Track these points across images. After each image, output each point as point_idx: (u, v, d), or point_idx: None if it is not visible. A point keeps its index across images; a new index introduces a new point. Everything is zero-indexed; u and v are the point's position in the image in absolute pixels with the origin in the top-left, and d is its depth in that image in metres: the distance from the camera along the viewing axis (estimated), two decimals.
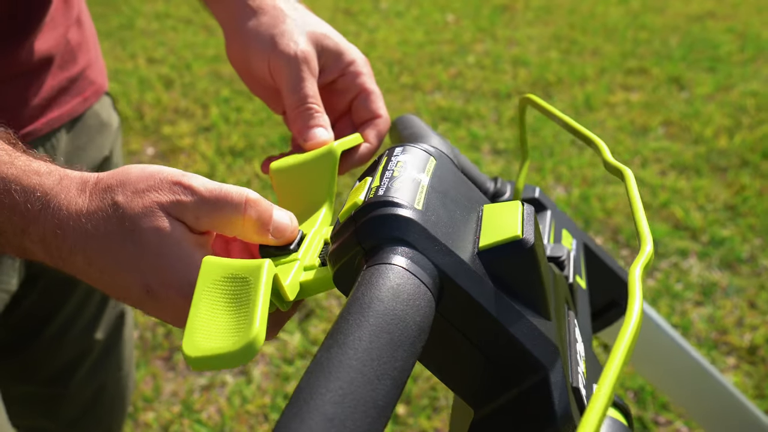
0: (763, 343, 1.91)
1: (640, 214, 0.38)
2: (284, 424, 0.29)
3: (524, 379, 0.39)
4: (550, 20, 4.79)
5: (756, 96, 3.50)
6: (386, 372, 0.31)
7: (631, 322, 0.31)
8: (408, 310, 0.33)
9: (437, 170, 0.44)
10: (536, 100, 0.58)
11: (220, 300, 0.39)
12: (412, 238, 0.37)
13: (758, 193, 2.63)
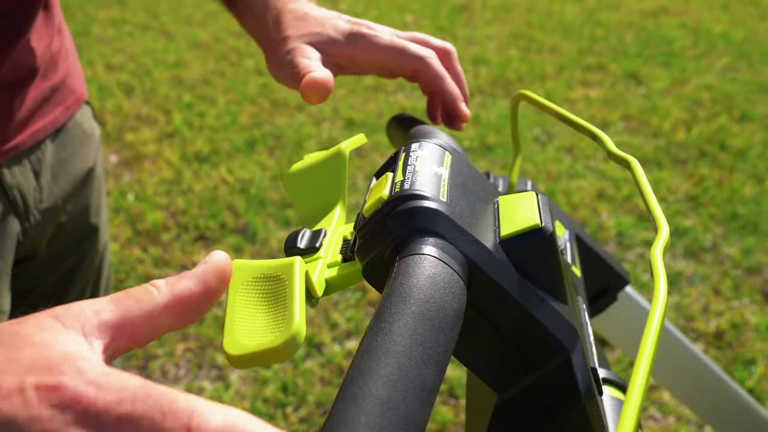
0: (728, 329, 1.96)
1: (652, 199, 0.40)
2: (341, 410, 0.29)
3: (547, 362, 0.40)
4: (508, 19, 4.85)
5: (710, 89, 3.59)
6: (431, 356, 0.32)
7: (660, 301, 0.33)
8: (446, 297, 0.35)
9: (454, 164, 0.45)
10: (531, 95, 0.60)
11: (256, 299, 0.40)
12: (441, 229, 0.38)
13: (717, 183, 2.70)
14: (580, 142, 3.04)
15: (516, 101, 0.65)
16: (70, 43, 0.90)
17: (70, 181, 0.87)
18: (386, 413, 0.29)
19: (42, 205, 0.82)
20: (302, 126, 3.23)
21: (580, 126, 0.52)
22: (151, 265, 2.27)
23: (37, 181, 0.81)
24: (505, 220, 0.42)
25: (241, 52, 4.21)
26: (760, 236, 2.38)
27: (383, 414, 0.29)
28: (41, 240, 0.85)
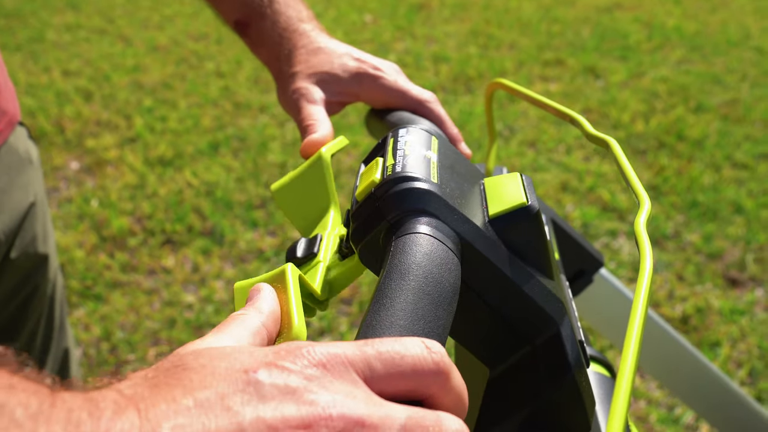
0: (693, 313, 2.01)
1: (632, 176, 0.41)
2: None
3: (538, 335, 0.42)
4: (466, 17, 4.89)
5: (666, 81, 3.66)
6: (432, 330, 0.33)
7: (646, 268, 0.35)
8: (443, 273, 0.36)
9: (441, 148, 0.47)
10: (506, 83, 0.62)
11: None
12: (434, 209, 0.39)
13: (677, 173, 2.76)
14: (542, 136, 3.08)
15: (491, 90, 0.67)
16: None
17: (12, 214, 0.81)
18: None
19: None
20: (265, 127, 3.22)
21: (557, 110, 0.53)
22: (118, 270, 2.25)
23: None
24: (493, 200, 0.43)
25: (200, 55, 4.18)
26: (720, 223, 2.44)
27: None
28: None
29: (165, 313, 2.07)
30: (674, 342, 0.79)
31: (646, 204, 0.39)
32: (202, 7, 5.17)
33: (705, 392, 0.82)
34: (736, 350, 1.89)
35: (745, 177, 2.73)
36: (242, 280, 0.44)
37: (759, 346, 1.90)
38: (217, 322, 2.01)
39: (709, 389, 0.81)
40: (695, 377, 0.81)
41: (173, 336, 1.97)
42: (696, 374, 0.81)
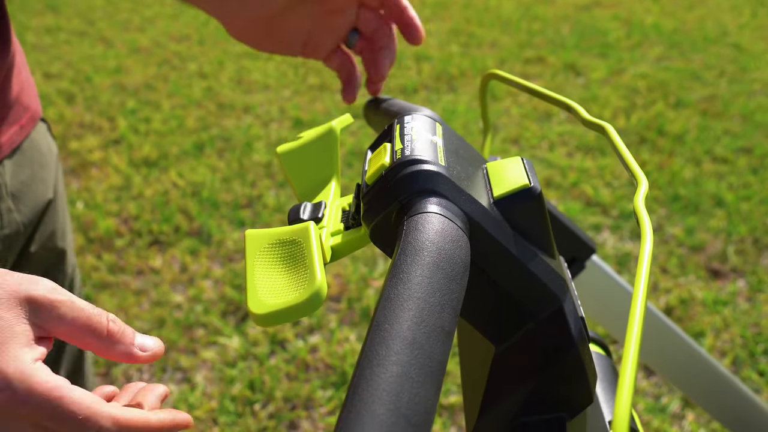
0: (677, 304, 2.04)
1: (629, 158, 0.43)
2: (372, 349, 0.32)
3: (542, 311, 0.44)
4: (447, 16, 4.92)
5: (646, 78, 3.71)
6: (447, 302, 0.35)
7: (647, 243, 0.36)
8: (455, 249, 0.38)
9: (445, 133, 0.48)
10: (501, 74, 0.63)
11: (275, 262, 0.42)
12: (443, 189, 0.41)
13: (658, 167, 2.80)
14: (525, 132, 3.11)
15: (486, 81, 0.69)
16: (22, 57, 0.85)
17: (33, 207, 0.83)
18: (413, 352, 0.32)
19: (2, 232, 0.78)
20: (250, 127, 3.23)
21: (553, 99, 0.55)
22: (106, 272, 2.25)
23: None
24: (496, 183, 0.45)
25: (183, 56, 4.18)
26: (701, 215, 2.48)
27: (411, 352, 0.32)
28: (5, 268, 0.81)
29: (154, 313, 2.07)
30: (659, 322, 0.82)
31: (644, 182, 0.41)
32: (183, 9, 5.16)
33: (692, 372, 0.84)
34: (719, 340, 1.93)
35: (725, 171, 2.78)
36: (256, 229, 0.45)
37: (741, 335, 1.93)
38: (206, 321, 2.02)
39: (696, 369, 0.84)
40: (683, 359, 0.83)
41: (163, 335, 1.97)
42: (683, 355, 0.83)
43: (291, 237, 0.43)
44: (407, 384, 0.31)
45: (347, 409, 0.30)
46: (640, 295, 0.34)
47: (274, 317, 0.39)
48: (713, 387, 0.86)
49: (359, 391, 0.30)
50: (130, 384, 0.52)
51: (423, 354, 0.32)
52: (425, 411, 0.31)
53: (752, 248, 2.30)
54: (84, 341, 0.46)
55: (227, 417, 1.72)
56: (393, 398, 0.30)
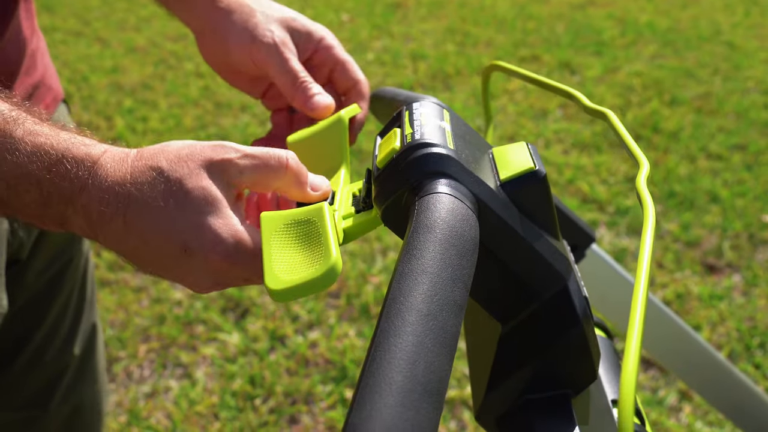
0: (673, 299, 2.06)
1: (631, 141, 0.45)
2: (389, 321, 0.33)
3: (547, 290, 0.45)
4: (442, 15, 4.94)
5: (641, 76, 3.73)
6: (458, 277, 0.36)
7: (649, 221, 0.38)
8: (465, 227, 0.39)
9: (452, 119, 0.50)
10: (503, 65, 0.65)
11: (290, 241, 0.44)
12: (452, 171, 0.43)
13: (654, 164, 2.82)
14: (521, 130, 3.13)
15: (488, 72, 0.70)
16: (43, 42, 0.89)
17: None
18: (428, 323, 0.34)
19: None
20: (247, 126, 3.24)
21: (555, 88, 0.56)
22: (106, 269, 2.26)
23: None
24: (502, 166, 0.47)
25: (179, 55, 4.19)
26: (697, 212, 2.50)
27: (426, 324, 0.33)
28: (27, 242, 0.84)
29: (154, 310, 2.08)
30: (660, 312, 0.83)
31: (645, 165, 0.42)
32: None
33: (692, 362, 0.85)
34: (715, 333, 1.95)
35: (719, 167, 2.80)
36: (271, 211, 0.47)
37: (737, 329, 1.95)
38: (206, 317, 2.03)
39: (696, 359, 0.85)
40: (683, 348, 0.85)
41: (163, 332, 1.98)
42: (683, 344, 0.84)
43: (305, 217, 0.45)
44: (423, 353, 0.32)
45: (366, 376, 0.31)
46: (644, 274, 0.35)
47: (291, 292, 0.40)
48: (713, 376, 0.87)
49: (377, 360, 0.32)
50: None
51: (437, 325, 0.34)
52: (439, 379, 0.32)
53: (747, 243, 2.32)
54: (267, 184, 0.51)
55: (228, 412, 1.73)
56: (409, 366, 0.32)
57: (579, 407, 0.47)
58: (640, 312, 0.33)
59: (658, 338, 0.85)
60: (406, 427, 0.30)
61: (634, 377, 0.31)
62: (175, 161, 0.48)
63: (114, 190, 0.47)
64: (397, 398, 0.30)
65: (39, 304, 0.90)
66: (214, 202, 0.47)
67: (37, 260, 0.87)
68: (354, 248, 2.29)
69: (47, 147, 0.48)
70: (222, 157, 0.49)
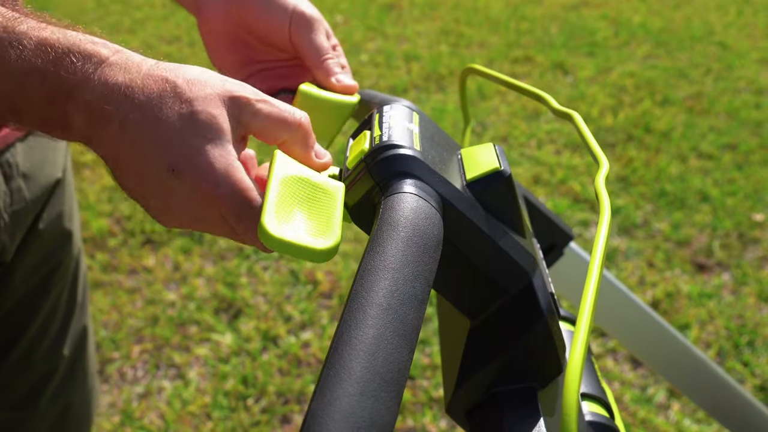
0: (663, 298, 2.08)
1: (593, 142, 0.46)
2: (351, 315, 0.35)
3: (512, 286, 0.47)
4: (436, 16, 4.96)
5: (633, 76, 3.75)
6: (420, 273, 0.38)
7: (605, 218, 0.39)
8: (428, 225, 0.41)
9: (422, 122, 0.51)
10: (479, 68, 0.66)
11: (300, 197, 0.44)
12: (418, 172, 0.44)
13: (645, 164, 2.83)
14: (513, 131, 3.15)
15: (465, 75, 0.72)
16: None
17: (42, 187, 0.86)
18: (388, 317, 0.35)
19: (12, 208, 0.81)
20: None
21: (525, 90, 0.58)
22: (99, 271, 2.27)
23: (7, 185, 0.80)
24: (469, 167, 0.48)
25: (173, 57, 4.20)
26: (687, 211, 2.52)
27: (386, 317, 0.35)
28: (10, 246, 0.83)
29: (147, 311, 2.09)
30: (646, 315, 0.85)
31: (605, 165, 0.44)
32: (173, 11, 5.18)
33: (678, 363, 0.87)
34: (704, 332, 1.96)
35: (710, 167, 2.82)
36: (285, 155, 0.49)
37: (726, 327, 1.97)
38: (199, 318, 2.04)
39: (682, 361, 0.87)
40: (669, 351, 0.86)
41: (156, 333, 2.00)
42: (669, 347, 0.86)
43: (326, 187, 0.46)
44: (382, 345, 0.34)
45: (327, 367, 0.33)
46: (597, 262, 0.37)
47: (285, 246, 0.41)
48: (698, 377, 0.89)
49: (338, 351, 0.33)
50: None
51: (397, 319, 0.35)
52: (399, 370, 0.34)
53: (737, 242, 2.34)
54: (276, 134, 0.50)
55: (221, 412, 1.74)
56: (369, 357, 0.33)
57: (545, 399, 0.49)
58: (590, 301, 0.35)
59: (645, 342, 0.86)
60: (364, 414, 0.31)
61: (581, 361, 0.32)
62: (193, 81, 0.47)
63: (120, 89, 0.45)
64: (357, 387, 0.32)
65: (27, 307, 0.91)
66: (219, 131, 0.46)
67: (23, 264, 0.87)
68: (347, 249, 2.31)
69: (53, 41, 0.46)
70: (241, 94, 0.48)
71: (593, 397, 0.54)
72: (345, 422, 0.31)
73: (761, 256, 2.27)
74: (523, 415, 0.46)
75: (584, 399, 0.54)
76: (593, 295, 0.37)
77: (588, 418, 0.53)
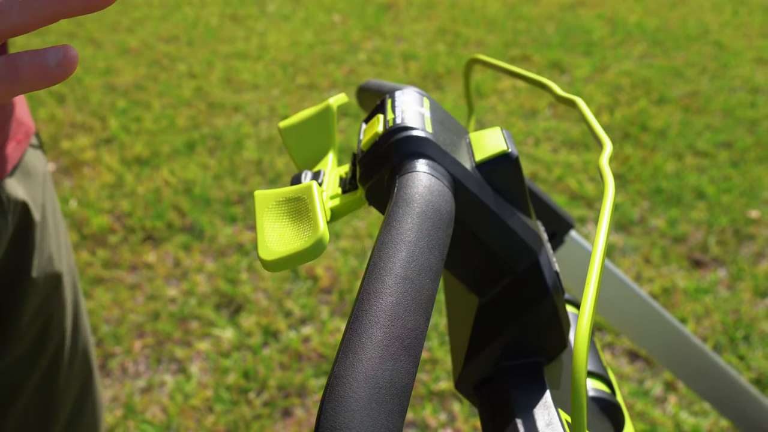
0: (660, 293, 2.10)
1: (596, 125, 0.48)
2: (370, 285, 0.37)
3: (519, 264, 0.49)
4: (433, 15, 4.98)
5: (629, 75, 3.77)
6: (434, 246, 0.40)
7: (609, 197, 0.41)
8: (441, 202, 0.42)
9: (432, 106, 0.53)
10: (483, 58, 0.68)
11: (282, 216, 0.47)
12: (431, 153, 0.46)
13: (642, 162, 2.86)
14: (511, 129, 3.17)
15: (470, 65, 0.73)
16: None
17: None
18: (406, 286, 0.37)
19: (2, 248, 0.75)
20: (240, 126, 3.27)
21: (529, 79, 0.60)
22: (100, 267, 2.28)
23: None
24: (478, 149, 0.50)
25: (172, 56, 4.21)
26: (683, 208, 2.54)
27: (403, 286, 0.37)
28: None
29: (148, 306, 2.11)
30: (647, 306, 0.87)
31: (608, 146, 0.46)
32: (171, 11, 5.20)
33: (679, 353, 0.89)
34: (701, 326, 1.98)
35: (706, 164, 2.84)
36: (264, 190, 0.50)
37: (722, 322, 1.99)
38: (200, 313, 2.06)
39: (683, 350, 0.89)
40: (671, 340, 0.88)
41: (158, 328, 2.01)
42: (671, 337, 0.88)
43: (296, 194, 0.48)
44: (401, 312, 0.36)
45: (349, 332, 0.35)
46: (602, 239, 0.39)
47: (283, 262, 0.43)
48: (698, 366, 0.91)
49: (359, 318, 0.35)
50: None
51: (414, 288, 0.37)
52: (416, 336, 0.36)
53: (732, 239, 2.36)
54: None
55: (222, 405, 1.76)
56: (389, 323, 0.35)
57: (551, 374, 0.50)
58: (596, 275, 0.36)
59: (646, 332, 0.88)
60: (384, 376, 0.33)
61: (588, 330, 0.34)
62: None
63: None
64: (377, 351, 0.34)
65: (27, 360, 0.85)
66: None
67: (21, 320, 0.82)
68: (346, 245, 2.33)
69: None
70: None
71: (596, 374, 0.56)
72: (367, 383, 0.32)
73: (756, 252, 2.29)
74: (530, 387, 0.48)
75: (588, 376, 0.56)
76: (599, 267, 0.38)
77: (591, 394, 0.55)
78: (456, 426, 1.70)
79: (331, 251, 2.32)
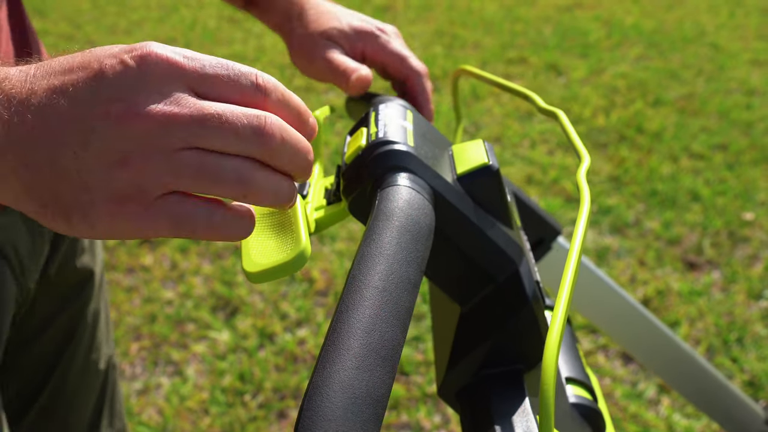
0: (654, 295, 2.11)
1: (575, 138, 0.49)
2: (349, 297, 0.38)
3: (500, 273, 0.50)
4: (431, 17, 4.99)
5: (626, 77, 3.79)
6: (413, 259, 0.41)
7: (584, 208, 0.42)
8: (420, 215, 0.43)
9: (415, 119, 0.54)
10: (470, 69, 0.69)
11: (266, 229, 0.48)
12: (412, 166, 0.47)
13: (637, 164, 2.87)
14: (507, 131, 3.18)
15: (457, 76, 0.75)
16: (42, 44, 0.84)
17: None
18: (383, 298, 0.38)
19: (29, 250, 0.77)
20: None
21: (513, 90, 0.61)
22: None
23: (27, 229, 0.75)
24: (459, 162, 0.51)
25: None
26: (678, 210, 2.55)
27: (381, 298, 0.38)
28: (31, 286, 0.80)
29: (145, 309, 2.12)
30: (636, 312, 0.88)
31: (586, 159, 0.47)
32: (169, 13, 5.21)
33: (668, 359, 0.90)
34: (694, 329, 1.99)
35: (701, 167, 2.85)
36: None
37: (715, 324, 2.00)
38: (196, 316, 2.07)
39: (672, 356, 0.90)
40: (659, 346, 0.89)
41: (155, 330, 2.02)
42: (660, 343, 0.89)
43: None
44: (378, 324, 0.37)
45: (327, 343, 0.36)
46: (576, 249, 0.40)
47: (266, 274, 0.44)
48: (686, 370, 0.92)
49: (337, 330, 0.36)
50: None
51: (392, 300, 0.38)
52: (392, 347, 0.37)
53: (727, 241, 2.37)
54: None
55: (218, 407, 1.77)
56: (365, 335, 0.36)
57: (531, 381, 0.52)
58: (569, 282, 0.38)
59: (635, 337, 0.89)
60: (361, 385, 0.34)
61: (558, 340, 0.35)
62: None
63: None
64: (354, 362, 0.35)
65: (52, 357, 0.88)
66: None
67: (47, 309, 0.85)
68: (342, 248, 2.34)
69: None
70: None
71: (577, 380, 0.57)
72: (344, 393, 0.33)
73: (750, 254, 2.30)
74: (510, 395, 0.49)
75: (569, 383, 0.57)
76: (573, 272, 0.39)
77: (572, 401, 0.56)
78: (450, 428, 1.71)
79: (327, 254, 2.33)
